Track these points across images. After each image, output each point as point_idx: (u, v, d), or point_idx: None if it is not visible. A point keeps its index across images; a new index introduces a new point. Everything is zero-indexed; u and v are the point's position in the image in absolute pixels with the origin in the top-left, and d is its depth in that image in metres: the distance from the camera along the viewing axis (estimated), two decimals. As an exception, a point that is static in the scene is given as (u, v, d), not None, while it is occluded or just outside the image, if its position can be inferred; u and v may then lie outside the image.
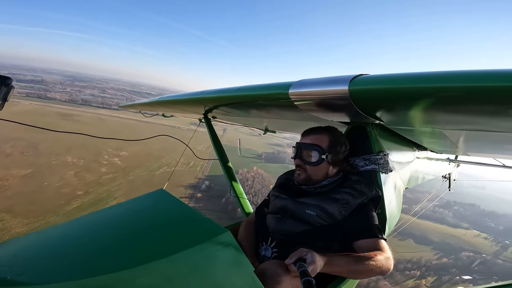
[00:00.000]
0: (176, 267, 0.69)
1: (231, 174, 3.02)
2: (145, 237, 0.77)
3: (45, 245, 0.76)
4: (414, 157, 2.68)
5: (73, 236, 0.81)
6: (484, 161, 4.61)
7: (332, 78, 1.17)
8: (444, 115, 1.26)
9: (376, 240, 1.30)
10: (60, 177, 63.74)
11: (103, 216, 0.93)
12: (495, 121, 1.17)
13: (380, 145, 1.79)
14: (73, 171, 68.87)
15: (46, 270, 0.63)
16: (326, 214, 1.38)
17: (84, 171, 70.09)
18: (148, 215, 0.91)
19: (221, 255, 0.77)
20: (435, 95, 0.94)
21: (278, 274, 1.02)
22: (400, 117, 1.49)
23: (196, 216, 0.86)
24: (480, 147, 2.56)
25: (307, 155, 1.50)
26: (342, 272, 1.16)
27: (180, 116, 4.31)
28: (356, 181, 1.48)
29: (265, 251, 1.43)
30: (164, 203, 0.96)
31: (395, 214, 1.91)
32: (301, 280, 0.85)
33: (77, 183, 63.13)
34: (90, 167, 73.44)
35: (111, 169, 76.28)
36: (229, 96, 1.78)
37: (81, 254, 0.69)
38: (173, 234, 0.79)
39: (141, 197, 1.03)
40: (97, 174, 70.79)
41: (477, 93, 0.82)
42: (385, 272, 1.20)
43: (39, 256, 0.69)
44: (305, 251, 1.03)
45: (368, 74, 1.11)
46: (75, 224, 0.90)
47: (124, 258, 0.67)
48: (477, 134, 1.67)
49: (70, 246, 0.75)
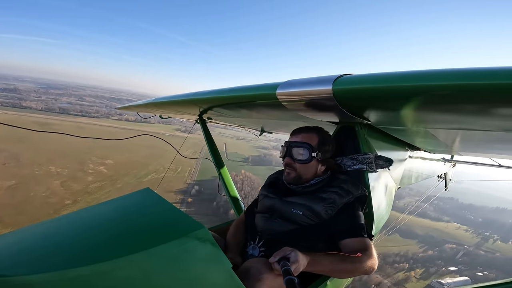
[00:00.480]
0: (153, 260, 0.71)
1: (225, 175, 3.06)
2: (126, 232, 0.79)
3: (29, 240, 0.78)
4: (407, 157, 2.72)
5: (59, 231, 0.83)
6: (480, 161, 4.61)
7: (317, 78, 1.19)
8: (430, 114, 1.27)
9: (362, 239, 1.30)
10: (46, 187, 62.15)
11: (90, 212, 0.96)
12: (482, 120, 1.18)
13: (369, 145, 1.81)
14: (59, 180, 67.22)
15: (28, 263, 0.64)
16: (313, 213, 1.38)
17: (70, 181, 68.48)
18: (132, 211, 0.93)
19: (197, 250, 0.79)
20: (420, 94, 0.95)
21: (260, 271, 1.03)
22: (387, 117, 1.51)
23: (176, 213, 0.88)
24: (472, 146, 2.57)
25: (297, 153, 1.50)
26: (326, 271, 1.18)
27: (176, 117, 4.23)
28: (343, 181, 1.49)
29: (253, 250, 1.44)
30: (148, 201, 0.99)
31: (384, 213, 1.94)
32: (284, 279, 0.86)
33: (64, 193, 61.86)
34: (75, 176, 71.66)
35: (97, 178, 74.76)
36: (221, 97, 1.80)
37: (65, 247, 0.71)
38: (153, 230, 0.81)
39: (128, 195, 1.06)
40: (83, 183, 69.38)
41: (464, 92, 0.82)
42: (369, 272, 1.22)
43: (22, 250, 0.71)
44: (289, 250, 1.04)
45: (353, 74, 1.12)
46: (62, 220, 0.93)
47: (104, 251, 0.69)
48: (467, 134, 1.69)
49: (55, 240, 0.76)
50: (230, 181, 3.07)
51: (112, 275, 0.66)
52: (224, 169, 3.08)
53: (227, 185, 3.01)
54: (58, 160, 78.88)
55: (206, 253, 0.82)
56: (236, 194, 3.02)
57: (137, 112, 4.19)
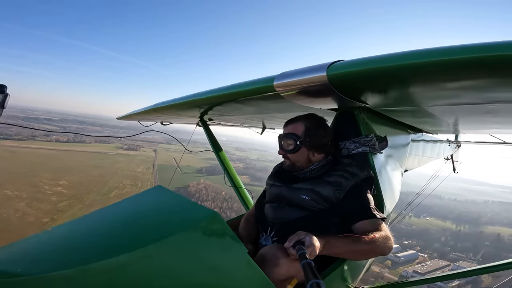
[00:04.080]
0: (169, 249, 0.75)
1: (231, 172, 3.21)
2: (143, 225, 0.85)
3: (52, 240, 0.83)
4: (409, 140, 2.71)
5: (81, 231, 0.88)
6: (483, 140, 4.59)
7: (311, 66, 1.22)
8: (426, 92, 1.30)
9: (374, 221, 1.31)
10: (15, 208, 60.60)
11: (106, 212, 1.01)
12: (476, 93, 1.19)
13: (370, 128, 1.82)
14: (23, 202, 65.41)
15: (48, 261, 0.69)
16: (321, 197, 1.39)
17: (34, 202, 67.14)
18: (146, 207, 0.99)
19: (212, 237, 0.81)
20: (412, 72, 0.97)
21: (277, 257, 1.05)
22: (384, 98, 1.53)
23: (189, 204, 0.92)
24: (472, 122, 2.52)
25: (286, 144, 1.54)
26: (342, 254, 1.19)
27: (178, 122, 4.14)
28: (348, 164, 1.51)
29: (265, 241, 1.45)
30: (161, 196, 1.04)
31: (393, 194, 1.95)
32: (301, 263, 0.85)
33: (37, 213, 61.46)
34: (38, 198, 70.16)
35: (61, 197, 74.24)
36: (220, 95, 1.78)
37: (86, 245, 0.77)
38: (168, 221, 0.86)
39: (140, 194, 1.12)
40: (50, 203, 68.81)
41: (453, 66, 0.84)
42: (386, 252, 1.23)
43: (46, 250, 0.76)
44: (304, 234, 1.04)
45: (345, 60, 1.14)
46: (82, 221, 0.98)
47: (123, 245, 0.74)
48: (465, 109, 1.70)
49: (77, 239, 0.82)
50: (237, 177, 3.21)
51: (131, 267, 0.70)
52: (229, 165, 3.24)
53: (235, 181, 3.16)
54: (9, 184, 74.83)
55: (221, 239, 0.83)
56: (244, 189, 3.17)
57: (138, 121, 4.01)
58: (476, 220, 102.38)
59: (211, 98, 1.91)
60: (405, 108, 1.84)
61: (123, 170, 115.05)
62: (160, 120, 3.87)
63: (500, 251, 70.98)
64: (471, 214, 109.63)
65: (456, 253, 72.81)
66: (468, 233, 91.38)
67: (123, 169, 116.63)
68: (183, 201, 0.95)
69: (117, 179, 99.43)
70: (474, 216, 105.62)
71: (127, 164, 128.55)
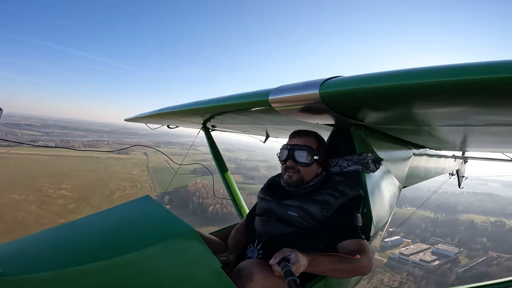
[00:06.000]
0: (144, 259, 0.78)
1: (229, 181, 3.22)
2: (123, 234, 0.87)
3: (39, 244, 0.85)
4: (411, 155, 2.65)
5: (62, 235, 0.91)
6: (492, 156, 4.48)
7: (305, 83, 1.20)
8: (424, 112, 1.25)
9: (358, 241, 1.32)
10: (27, 211, 63.02)
11: (92, 219, 1.04)
12: (480, 115, 1.16)
13: (367, 145, 1.79)
14: (33, 205, 67.68)
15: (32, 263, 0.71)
16: (308, 215, 1.40)
17: (44, 205, 69.48)
18: (131, 216, 1.02)
19: (186, 250, 0.85)
20: (408, 92, 0.92)
21: (252, 272, 1.06)
22: (380, 118, 1.51)
23: (169, 217, 0.95)
24: (477, 142, 2.44)
25: (299, 156, 1.51)
26: (325, 272, 1.20)
27: (183, 126, 4.12)
28: (339, 182, 1.51)
29: (252, 252, 1.46)
30: (146, 207, 1.08)
31: (383, 213, 1.90)
32: (286, 280, 0.86)
33: (50, 214, 64.05)
34: (45, 201, 72.39)
35: (69, 200, 76.63)
36: (219, 106, 1.78)
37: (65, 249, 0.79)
38: (147, 232, 0.88)
39: (129, 202, 1.16)
40: (59, 205, 71.25)
41: (451, 88, 0.80)
42: (366, 272, 1.26)
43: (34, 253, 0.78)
44: (289, 251, 1.05)
45: (341, 76, 1.10)
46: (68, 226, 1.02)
47: (101, 251, 0.77)
48: (469, 130, 1.65)
49: (57, 244, 0.84)
50: (234, 186, 3.21)
51: (107, 273, 0.72)
52: (228, 174, 3.24)
53: (232, 190, 3.17)
54: (13, 189, 76.55)
55: (195, 253, 0.86)
56: (240, 198, 3.17)
57: (145, 123, 4.10)
58: (453, 209, 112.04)
59: (211, 108, 1.91)
60: (405, 127, 1.81)
61: (119, 173, 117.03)
62: (166, 124, 3.88)
63: (473, 236, 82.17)
64: (448, 203, 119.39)
65: (435, 238, 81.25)
66: (445, 220, 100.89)
67: (118, 172, 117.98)
68: (167, 214, 0.99)
69: (116, 182, 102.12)
70: (451, 205, 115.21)
71: (121, 168, 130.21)
